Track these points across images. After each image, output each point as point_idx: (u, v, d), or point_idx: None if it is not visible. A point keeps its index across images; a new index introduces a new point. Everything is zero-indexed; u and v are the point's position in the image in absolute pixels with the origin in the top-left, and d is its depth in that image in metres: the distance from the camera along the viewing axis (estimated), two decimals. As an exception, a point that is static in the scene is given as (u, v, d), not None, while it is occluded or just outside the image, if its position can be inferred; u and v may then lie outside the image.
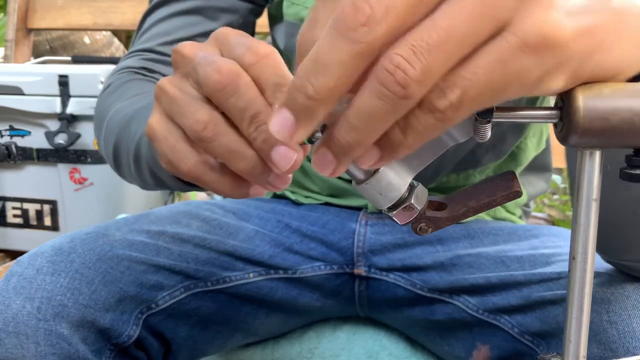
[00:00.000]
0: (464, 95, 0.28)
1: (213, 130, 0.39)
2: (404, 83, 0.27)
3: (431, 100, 0.28)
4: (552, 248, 0.70)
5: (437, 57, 0.27)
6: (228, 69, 0.38)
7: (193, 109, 0.40)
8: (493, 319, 0.69)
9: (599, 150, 0.32)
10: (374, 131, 0.29)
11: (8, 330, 0.57)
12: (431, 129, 0.29)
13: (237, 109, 0.38)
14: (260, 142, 0.38)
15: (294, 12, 0.76)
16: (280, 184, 0.41)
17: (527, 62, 0.28)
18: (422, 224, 0.36)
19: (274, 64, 0.39)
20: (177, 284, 0.69)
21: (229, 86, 0.38)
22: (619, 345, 0.53)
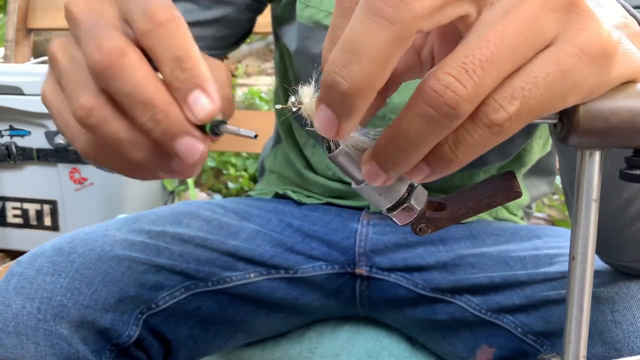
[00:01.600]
0: (524, 106, 0.27)
1: (97, 116, 0.33)
2: (454, 104, 0.26)
3: (487, 114, 0.27)
4: (555, 248, 0.70)
5: (489, 73, 0.26)
6: (109, 47, 0.32)
7: (78, 90, 0.34)
8: (496, 319, 0.69)
9: (599, 151, 0.32)
10: (420, 151, 0.28)
11: (8, 330, 0.57)
12: (486, 144, 0.28)
13: (123, 94, 0.32)
14: (159, 134, 0.33)
15: (309, 14, 0.75)
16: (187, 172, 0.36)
17: (586, 71, 0.28)
18: (422, 224, 0.36)
19: (173, 33, 0.33)
20: (178, 284, 0.69)
21: (111, 68, 0.32)
22: (624, 344, 0.53)
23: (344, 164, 0.34)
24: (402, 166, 0.29)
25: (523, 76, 0.27)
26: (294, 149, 0.87)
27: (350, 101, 0.27)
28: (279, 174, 0.92)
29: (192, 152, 0.33)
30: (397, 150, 0.28)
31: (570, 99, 0.29)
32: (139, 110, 0.32)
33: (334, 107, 0.27)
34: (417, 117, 0.27)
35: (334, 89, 0.27)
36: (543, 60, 0.28)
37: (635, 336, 0.53)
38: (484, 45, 0.26)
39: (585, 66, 0.28)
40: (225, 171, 2.63)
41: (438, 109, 0.26)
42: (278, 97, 0.93)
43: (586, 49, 0.28)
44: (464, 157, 0.28)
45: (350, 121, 0.28)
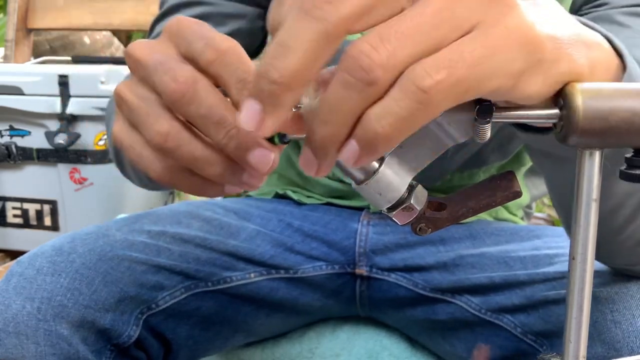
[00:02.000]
0: (450, 77, 0.28)
1: (175, 140, 0.37)
2: (367, 68, 0.27)
3: (414, 80, 0.27)
4: (555, 249, 0.70)
5: (404, 43, 0.27)
6: (184, 77, 0.36)
7: (152, 120, 0.37)
8: (496, 319, 0.69)
9: (598, 150, 0.32)
10: (343, 123, 0.28)
11: (8, 330, 0.57)
12: (414, 115, 0.28)
13: (199, 117, 0.36)
14: (234, 148, 0.36)
15: None
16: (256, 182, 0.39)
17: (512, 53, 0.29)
18: (422, 224, 0.36)
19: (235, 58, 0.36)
20: (178, 284, 0.69)
21: (187, 94, 0.36)
22: (623, 344, 0.53)
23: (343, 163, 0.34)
24: (330, 145, 0.29)
25: (451, 49, 0.28)
26: (295, 148, 0.87)
27: (276, 92, 0.28)
28: (280, 174, 0.92)
29: (264, 162, 0.35)
30: (320, 123, 0.29)
31: (498, 79, 0.29)
32: (214, 129, 0.36)
33: (261, 97, 0.28)
34: (336, 85, 0.28)
35: (264, 78, 0.28)
36: (470, 38, 0.29)
37: (634, 336, 0.53)
38: (402, 20, 0.28)
39: (510, 48, 0.29)
40: (225, 171, 2.63)
41: (353, 73, 0.27)
42: None
43: (511, 32, 0.29)
44: (390, 130, 0.28)
45: (274, 115, 0.29)
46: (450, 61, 0.28)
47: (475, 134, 0.32)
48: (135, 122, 0.39)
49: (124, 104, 0.39)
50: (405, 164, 0.34)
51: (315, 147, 0.30)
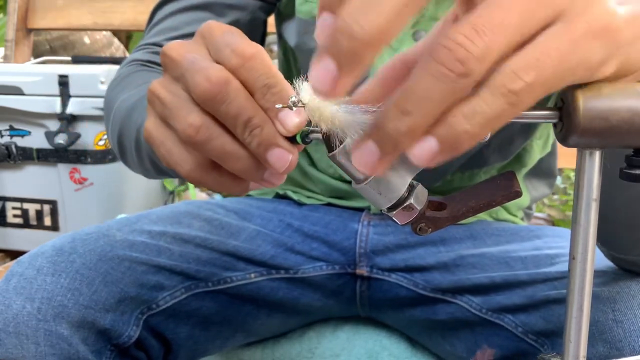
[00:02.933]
0: (539, 77, 0.28)
1: (206, 133, 0.39)
2: (465, 60, 0.26)
3: (505, 83, 0.27)
4: (555, 249, 0.70)
5: (499, 36, 0.27)
6: (217, 77, 0.38)
7: (185, 113, 0.39)
8: (496, 319, 0.69)
9: (598, 150, 0.32)
10: (427, 115, 0.28)
11: (8, 330, 0.57)
12: (502, 115, 0.28)
13: (228, 116, 0.38)
14: (255, 146, 0.38)
15: (308, 9, 0.75)
16: (276, 181, 0.41)
17: (594, 45, 0.29)
18: (422, 224, 0.36)
19: (260, 64, 0.38)
20: (178, 285, 0.69)
21: (219, 94, 0.38)
22: (625, 344, 0.53)
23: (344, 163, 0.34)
24: (404, 138, 0.28)
25: (537, 47, 0.28)
26: None
27: (356, 49, 0.27)
28: None
29: (281, 162, 0.38)
30: (400, 114, 0.28)
31: (580, 72, 0.30)
32: (240, 127, 0.38)
33: (338, 55, 0.27)
34: (426, 75, 0.27)
35: (344, 33, 0.27)
36: (553, 34, 0.29)
37: (636, 335, 0.53)
38: (495, 9, 0.27)
39: (593, 41, 0.29)
40: (225, 171, 2.63)
41: (448, 65, 0.27)
42: None
43: (594, 24, 0.29)
44: (479, 129, 0.28)
45: (350, 75, 0.28)
46: (537, 60, 0.28)
47: None
48: (168, 117, 0.41)
49: (157, 100, 0.41)
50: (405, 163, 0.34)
51: (385, 139, 0.28)
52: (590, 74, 0.30)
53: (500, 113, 0.28)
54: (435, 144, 0.28)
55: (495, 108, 0.28)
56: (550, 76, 0.28)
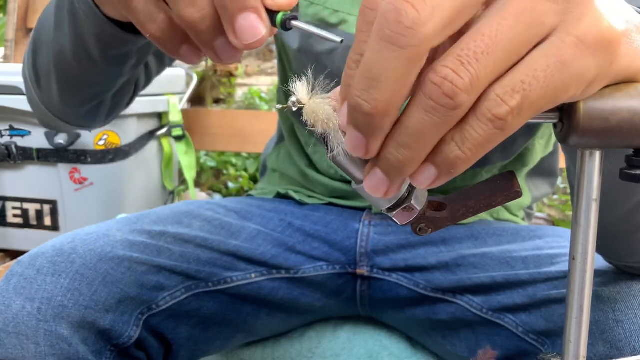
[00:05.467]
0: (525, 100, 0.27)
1: None
2: (452, 94, 0.27)
3: (490, 109, 0.28)
4: (556, 249, 0.70)
5: (485, 65, 0.27)
6: None
7: None
8: (497, 318, 0.69)
9: (599, 151, 0.32)
10: (424, 146, 0.29)
11: (8, 330, 0.57)
12: (491, 139, 0.28)
13: None
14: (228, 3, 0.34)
15: (314, 12, 0.75)
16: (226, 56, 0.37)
17: (586, 61, 0.28)
18: (422, 224, 0.36)
19: None
20: (178, 285, 0.69)
21: None
22: (625, 344, 0.53)
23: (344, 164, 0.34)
24: (406, 167, 0.29)
25: (522, 69, 0.28)
26: (297, 147, 0.87)
27: (373, 122, 0.28)
28: (281, 173, 0.92)
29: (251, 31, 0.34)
30: (398, 147, 0.29)
31: (571, 90, 0.29)
32: None
33: (360, 128, 0.29)
34: (417, 111, 0.28)
35: (358, 111, 0.28)
36: (542, 52, 0.28)
37: (637, 335, 0.53)
38: (479, 38, 0.27)
39: (585, 57, 0.28)
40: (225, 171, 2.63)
41: (437, 100, 0.27)
42: (279, 97, 0.93)
43: (585, 39, 0.28)
44: (470, 154, 0.29)
45: (377, 139, 0.29)
46: (523, 84, 0.27)
47: None
48: None
49: None
50: None
51: (391, 170, 0.30)
52: (585, 89, 0.29)
53: (490, 138, 0.28)
54: (434, 170, 0.30)
55: (483, 134, 0.28)
56: (537, 98, 0.28)
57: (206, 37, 0.36)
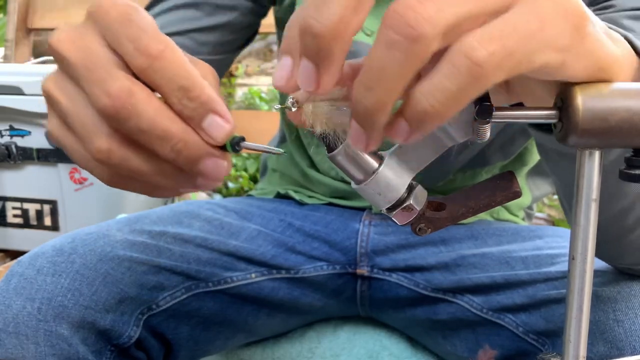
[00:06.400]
0: (503, 48, 0.26)
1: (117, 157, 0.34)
2: (414, 23, 0.25)
3: (465, 52, 0.26)
4: (556, 249, 0.70)
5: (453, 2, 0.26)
6: (117, 90, 0.32)
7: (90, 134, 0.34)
8: (497, 318, 0.69)
9: (598, 151, 0.32)
10: (388, 90, 0.27)
11: (8, 330, 0.57)
12: (465, 90, 0.26)
13: (139, 132, 0.33)
14: (182, 161, 0.34)
15: None
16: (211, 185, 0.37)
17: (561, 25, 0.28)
18: (422, 224, 0.36)
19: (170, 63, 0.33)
20: (178, 285, 0.69)
21: (123, 110, 0.32)
22: (626, 343, 0.53)
23: (343, 163, 0.34)
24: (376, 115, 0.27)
25: (502, 20, 0.27)
26: (298, 148, 0.87)
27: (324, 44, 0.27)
28: (282, 173, 0.92)
29: (217, 171, 0.34)
30: (365, 90, 0.27)
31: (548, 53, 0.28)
32: (158, 144, 0.33)
33: (311, 54, 0.27)
34: (379, 47, 0.26)
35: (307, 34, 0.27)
36: (520, 11, 0.27)
37: (637, 335, 0.53)
38: None
39: (560, 21, 0.28)
40: (225, 171, 2.62)
41: (398, 30, 0.25)
42: (281, 97, 0.93)
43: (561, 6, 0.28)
44: (440, 107, 0.27)
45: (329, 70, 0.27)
46: (501, 32, 0.26)
47: (476, 133, 0.32)
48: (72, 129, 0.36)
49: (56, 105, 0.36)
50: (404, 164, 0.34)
51: (361, 117, 0.28)
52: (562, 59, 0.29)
53: (463, 87, 0.26)
54: (404, 125, 0.28)
55: (455, 81, 0.26)
56: (516, 49, 0.27)
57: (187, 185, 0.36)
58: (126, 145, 0.34)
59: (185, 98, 0.33)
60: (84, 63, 0.34)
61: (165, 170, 0.35)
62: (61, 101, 0.35)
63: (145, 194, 0.39)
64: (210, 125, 0.34)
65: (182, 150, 0.33)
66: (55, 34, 0.35)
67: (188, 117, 0.33)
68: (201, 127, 0.34)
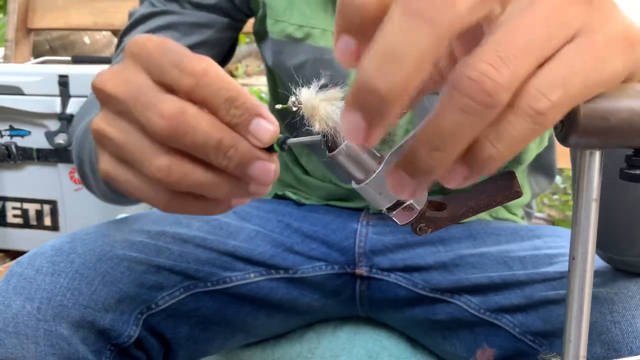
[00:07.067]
0: (565, 94, 0.27)
1: (178, 173, 0.36)
2: (492, 91, 0.25)
3: (530, 104, 0.27)
4: (555, 248, 0.70)
5: (523, 60, 0.26)
6: (170, 110, 0.34)
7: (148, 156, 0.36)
8: (495, 319, 0.69)
9: (599, 150, 0.32)
10: (457, 148, 0.27)
11: (8, 330, 0.57)
12: (528, 135, 0.27)
13: (196, 146, 0.35)
14: (234, 167, 0.36)
15: (279, 29, 0.75)
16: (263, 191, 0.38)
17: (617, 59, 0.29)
18: (422, 224, 0.36)
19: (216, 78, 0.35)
20: (177, 284, 0.69)
21: (179, 128, 0.34)
22: (623, 345, 0.53)
23: (344, 163, 0.34)
24: (436, 170, 0.27)
25: (561, 65, 0.27)
26: (291, 158, 0.87)
27: (385, 106, 0.26)
28: (278, 178, 0.92)
29: (265, 174, 0.36)
30: (431, 150, 0.27)
31: (603, 86, 0.29)
32: (213, 153, 0.35)
33: (366, 112, 0.26)
34: (453, 110, 0.26)
35: (371, 93, 0.26)
36: (577, 50, 0.28)
37: (634, 336, 0.53)
38: (516, 32, 0.26)
39: (615, 53, 0.29)
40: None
41: (476, 98, 0.25)
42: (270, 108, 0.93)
43: (614, 37, 0.29)
44: (506, 152, 0.27)
45: (381, 127, 0.27)
46: (563, 79, 0.27)
47: None
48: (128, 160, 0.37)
49: (108, 142, 0.38)
50: None
51: (419, 173, 0.28)
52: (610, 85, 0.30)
53: (527, 134, 0.27)
54: (466, 170, 0.28)
55: (521, 130, 0.27)
56: (576, 93, 0.28)
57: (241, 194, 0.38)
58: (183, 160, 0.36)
59: (233, 107, 0.35)
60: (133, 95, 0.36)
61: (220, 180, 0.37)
62: (114, 136, 0.37)
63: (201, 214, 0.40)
64: (256, 128, 0.35)
65: (233, 156, 0.35)
66: (97, 76, 0.38)
67: (236, 125, 0.35)
68: (249, 132, 0.35)
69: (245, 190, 0.38)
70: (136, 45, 0.37)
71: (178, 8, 0.75)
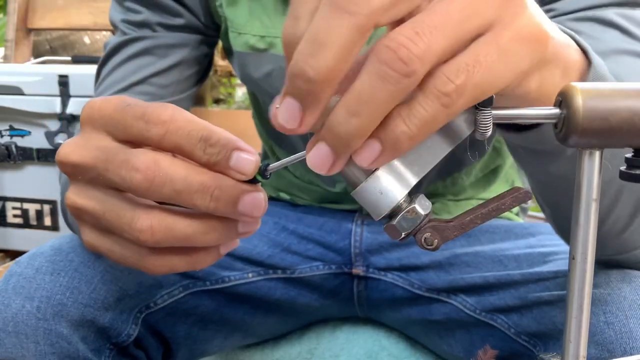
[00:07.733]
0: (468, 80, 0.29)
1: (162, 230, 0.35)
2: (407, 60, 0.27)
3: (437, 85, 0.29)
4: (549, 247, 0.70)
5: (437, 38, 0.28)
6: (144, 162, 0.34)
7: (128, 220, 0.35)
8: (490, 319, 0.69)
9: (598, 151, 0.32)
10: (374, 116, 0.29)
11: (8, 329, 0.57)
12: (436, 117, 0.29)
13: (178, 194, 0.34)
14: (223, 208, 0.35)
15: (242, 41, 0.74)
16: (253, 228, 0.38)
17: (521, 53, 0.31)
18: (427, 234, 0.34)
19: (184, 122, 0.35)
20: (176, 283, 0.69)
21: (156, 179, 0.34)
22: (616, 345, 0.53)
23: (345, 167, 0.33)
24: (353, 140, 0.29)
25: (467, 54, 0.29)
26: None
27: (316, 89, 0.28)
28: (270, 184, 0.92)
29: (257, 205, 0.35)
30: (349, 116, 0.28)
31: (508, 78, 0.31)
32: (197, 198, 0.35)
33: (299, 96, 0.28)
34: (371, 77, 0.28)
35: (301, 77, 0.28)
36: (484, 42, 0.30)
37: (627, 337, 0.52)
38: (432, 14, 0.28)
39: (521, 49, 0.31)
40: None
41: (392, 65, 0.27)
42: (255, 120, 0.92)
43: (522, 33, 0.31)
44: (416, 131, 0.29)
45: (314, 111, 0.29)
46: (467, 65, 0.29)
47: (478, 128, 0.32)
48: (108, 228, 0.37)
49: (86, 214, 0.37)
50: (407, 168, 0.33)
51: (337, 141, 0.29)
52: (520, 80, 0.32)
53: (436, 114, 0.29)
54: (378, 146, 0.30)
55: (430, 110, 0.29)
56: (479, 80, 0.29)
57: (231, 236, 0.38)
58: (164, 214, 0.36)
59: (208, 146, 0.34)
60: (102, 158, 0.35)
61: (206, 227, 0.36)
62: (90, 208, 0.37)
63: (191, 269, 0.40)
64: (237, 162, 0.35)
65: (220, 196, 0.35)
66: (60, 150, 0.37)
67: (215, 163, 0.35)
68: (230, 167, 0.35)
69: (234, 231, 0.38)
70: (92, 110, 0.37)
71: (150, 32, 0.75)
